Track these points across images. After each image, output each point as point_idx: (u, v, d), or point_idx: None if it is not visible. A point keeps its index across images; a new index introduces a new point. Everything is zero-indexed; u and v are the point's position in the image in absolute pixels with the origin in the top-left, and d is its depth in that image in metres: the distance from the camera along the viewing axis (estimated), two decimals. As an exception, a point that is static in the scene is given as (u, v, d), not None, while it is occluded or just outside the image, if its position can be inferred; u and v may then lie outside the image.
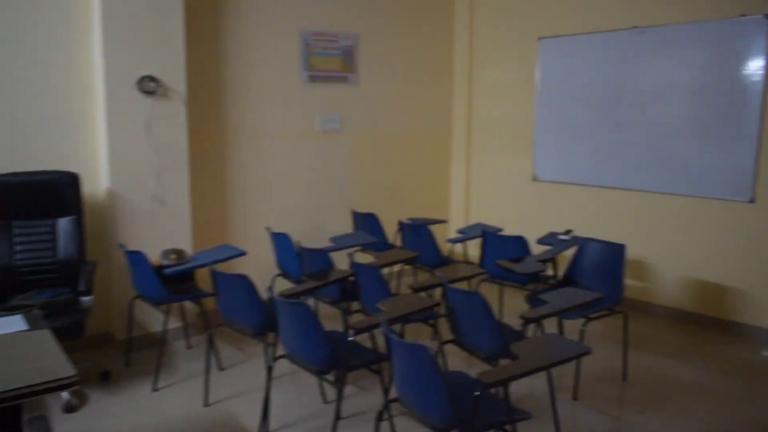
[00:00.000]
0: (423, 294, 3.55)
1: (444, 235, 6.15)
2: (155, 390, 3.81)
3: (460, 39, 6.38)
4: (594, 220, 5.46)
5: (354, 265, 3.70)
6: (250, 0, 5.00)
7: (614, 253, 3.99)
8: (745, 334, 4.69)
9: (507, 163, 6.17)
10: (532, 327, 3.54)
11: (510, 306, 4.85)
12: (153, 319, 4.41)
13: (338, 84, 5.63)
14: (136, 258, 3.89)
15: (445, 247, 5.04)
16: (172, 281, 3.97)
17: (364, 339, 3.43)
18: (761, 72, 4.46)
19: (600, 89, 5.37)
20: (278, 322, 3.13)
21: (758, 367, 4.19)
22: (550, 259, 4.16)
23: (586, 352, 2.51)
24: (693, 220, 4.92)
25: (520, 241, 4.33)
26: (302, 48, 5.36)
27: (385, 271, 4.06)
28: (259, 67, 5.11)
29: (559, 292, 3.37)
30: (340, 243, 4.50)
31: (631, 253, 5.14)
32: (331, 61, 5.58)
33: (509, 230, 4.99)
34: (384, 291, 3.52)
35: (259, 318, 3.42)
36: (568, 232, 4.63)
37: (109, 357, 4.21)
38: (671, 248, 5.05)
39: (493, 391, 2.56)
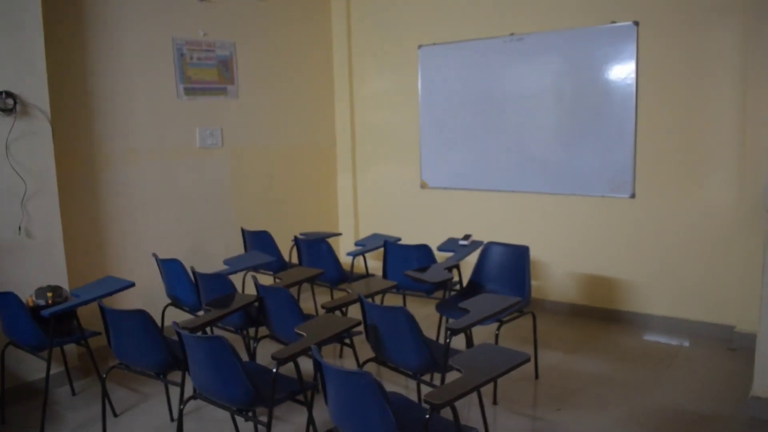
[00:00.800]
0: (337, 312, 3.40)
1: (339, 249, 6.02)
2: (41, 449, 3.36)
3: (339, 48, 6.29)
4: (484, 223, 5.56)
5: (261, 288, 3.47)
6: (117, 8, 4.61)
7: (519, 255, 4.06)
8: (632, 322, 4.95)
9: (395, 172, 6.15)
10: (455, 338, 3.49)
11: (420, 317, 4.79)
12: (27, 366, 3.90)
13: (217, 96, 5.33)
14: (5, 300, 3.42)
15: (343, 262, 4.92)
16: (51, 323, 3.53)
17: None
18: (632, 75, 4.74)
19: (481, 95, 5.48)
20: (187, 358, 2.85)
21: (652, 352, 4.43)
22: (455, 266, 4.16)
23: (526, 360, 2.48)
24: (578, 217, 5.15)
25: (423, 250, 4.29)
26: (176, 58, 5.02)
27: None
28: (130, 80, 4.72)
29: (477, 299, 3.34)
30: (236, 265, 4.23)
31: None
32: (208, 72, 5.28)
33: (403, 238, 4.95)
34: (296, 314, 3.32)
35: (160, 356, 3.11)
36: (467, 237, 4.66)
37: (-24, 416, 3.67)
38: (559, 245, 5.24)
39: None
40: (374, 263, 5.52)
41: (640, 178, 4.83)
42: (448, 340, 2.96)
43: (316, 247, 4.66)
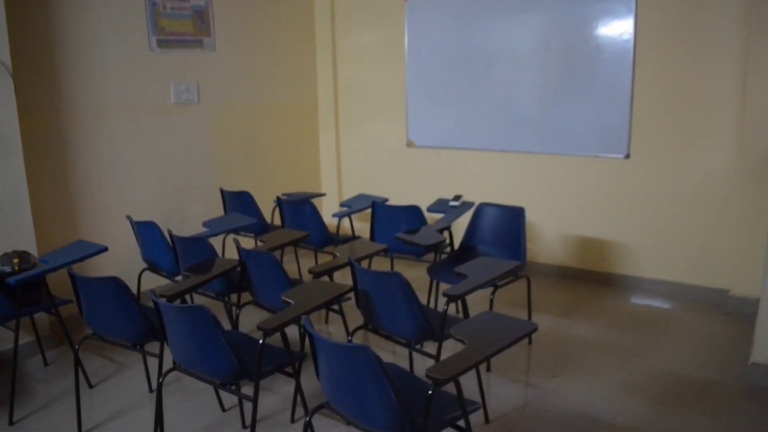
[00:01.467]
0: (326, 278, 3.20)
1: (322, 210, 5.80)
2: (12, 423, 3.13)
3: (321, 1, 5.96)
4: (473, 183, 5.36)
5: (244, 252, 3.24)
6: (82, -49, 4.25)
7: (514, 217, 3.88)
8: (625, 285, 4.83)
9: (380, 130, 5.90)
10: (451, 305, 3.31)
11: (409, 280, 4.62)
12: (-6, 337, 3.66)
13: (192, 49, 5.00)
14: (-33, 267, 3.16)
15: (328, 224, 4.70)
16: (18, 291, 3.28)
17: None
18: (631, 31, 4.51)
19: (469, 51, 5.22)
20: (165, 329, 2.64)
21: (646, 316, 4.32)
22: (447, 228, 3.97)
23: (534, 329, 2.31)
24: (571, 178, 4.96)
25: (413, 211, 4.08)
26: (148, 8, 4.67)
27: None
28: (98, 31, 4.37)
29: (473, 263, 3.16)
30: (216, 227, 4.00)
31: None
32: (183, 23, 4.94)
33: (390, 199, 4.74)
34: (281, 280, 3.11)
35: (136, 326, 2.88)
36: (457, 197, 4.47)
37: (-60, 389, 3.44)
38: (551, 207, 5.07)
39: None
40: (360, 225, 5.31)
41: (636, 138, 4.64)
42: (445, 307, 2.77)
43: (299, 209, 4.43)
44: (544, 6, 4.84)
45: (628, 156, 4.68)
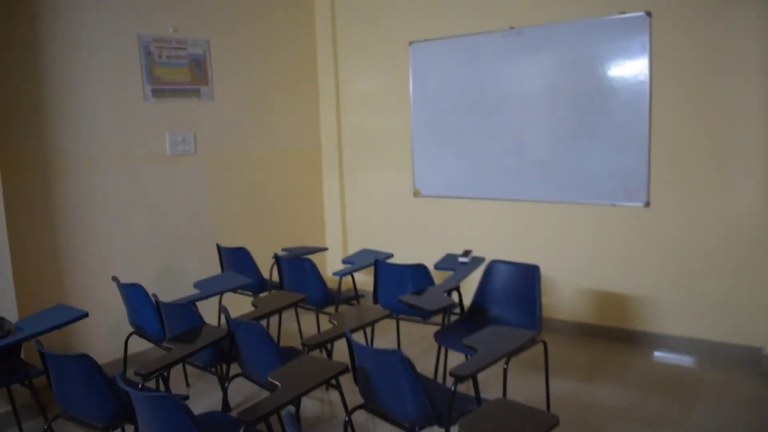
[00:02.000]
0: (320, 352, 2.87)
1: (325, 265, 5.50)
2: None
3: (323, 45, 5.74)
4: (483, 235, 5.04)
5: (233, 322, 2.92)
6: None
7: (528, 276, 3.53)
8: (648, 343, 4.44)
9: (385, 179, 5.61)
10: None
11: (414, 340, 4.30)
12: (-35, 410, 3.35)
13: (189, 99, 4.78)
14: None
15: (330, 280, 4.40)
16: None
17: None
18: (646, 71, 4.23)
19: (478, 95, 4.95)
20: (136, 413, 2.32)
21: (673, 378, 3.92)
22: (455, 288, 3.63)
23: (555, 424, 1.95)
24: (586, 228, 4.63)
25: (419, 270, 3.75)
26: (143, 57, 4.46)
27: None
28: (91, 80, 4.14)
29: (484, 334, 2.81)
30: (208, 289, 3.69)
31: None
32: (179, 72, 4.72)
33: (395, 254, 4.43)
34: (271, 352, 2.79)
35: (107, 409, 2.56)
36: (467, 253, 4.14)
37: None
38: (567, 259, 4.72)
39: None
40: (364, 278, 4.99)
41: (655, 185, 4.32)
42: (453, 388, 2.42)
43: (299, 266, 4.11)
44: (554, 46, 4.57)
45: (648, 204, 4.35)
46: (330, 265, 5.75)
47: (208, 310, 3.97)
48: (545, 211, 4.77)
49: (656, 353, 4.33)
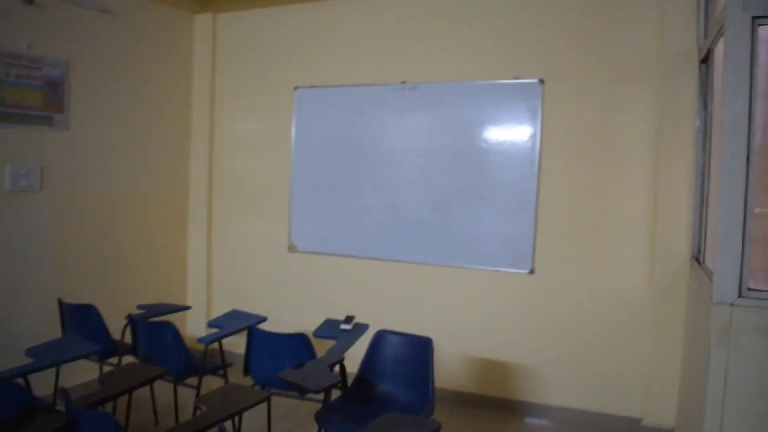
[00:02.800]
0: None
1: (185, 326, 4.89)
2: None
3: (200, 80, 5.20)
4: (365, 297, 4.68)
5: (72, 409, 2.31)
6: None
7: (419, 348, 3.19)
8: (530, 413, 4.25)
9: (259, 231, 5.08)
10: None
11: (291, 420, 3.79)
12: None
13: (39, 126, 4.06)
14: None
15: (191, 341, 3.83)
16: None
17: None
18: (537, 137, 4.15)
19: (364, 148, 4.64)
20: None
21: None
22: (339, 361, 3.21)
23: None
24: (471, 293, 4.40)
25: (299, 341, 3.29)
26: (-17, 75, 3.74)
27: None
28: None
29: (379, 424, 2.41)
30: (43, 358, 3.00)
31: (405, 328, 4.47)
32: (30, 95, 4.01)
33: (269, 315, 3.96)
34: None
35: None
36: (349, 319, 3.75)
37: None
38: (449, 325, 4.45)
39: None
40: (233, 340, 4.41)
41: (541, 252, 4.20)
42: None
43: (157, 330, 3.51)
44: (446, 105, 4.39)
45: (532, 271, 4.21)
46: (192, 326, 5.13)
47: (44, 382, 3.27)
48: (428, 274, 4.50)
49: (537, 425, 4.14)
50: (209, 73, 5.16)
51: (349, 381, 3.32)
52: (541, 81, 4.12)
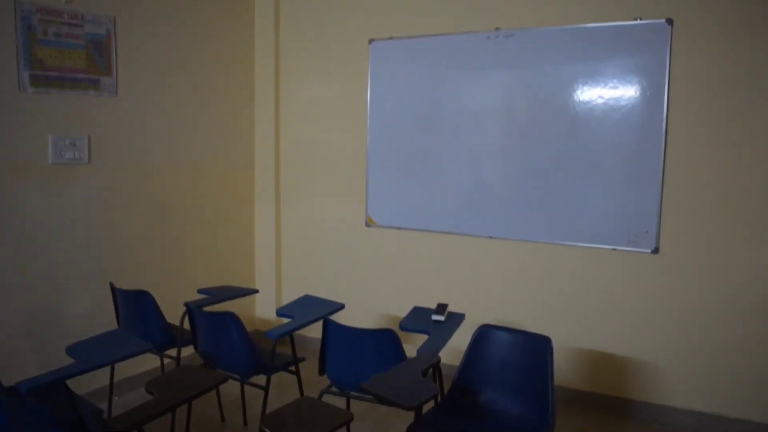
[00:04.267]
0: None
1: (253, 312, 4.37)
2: None
3: (263, 38, 4.56)
4: (451, 278, 4.01)
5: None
6: None
7: (535, 349, 2.51)
8: (650, 416, 3.52)
9: (332, 205, 4.45)
10: None
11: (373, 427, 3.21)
12: None
13: (84, 91, 3.52)
14: None
15: (261, 339, 3.27)
16: None
17: None
18: (664, 93, 3.33)
19: (452, 110, 3.91)
20: None
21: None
22: (435, 364, 2.57)
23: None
24: (582, 276, 3.66)
25: (386, 338, 2.65)
26: (21, 32, 3.21)
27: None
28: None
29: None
30: (85, 359, 2.47)
31: (505, 320, 3.78)
32: (72, 56, 3.47)
33: (345, 302, 3.33)
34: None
35: None
36: (441, 307, 3.09)
37: None
38: (555, 313, 3.74)
39: None
40: (305, 331, 3.83)
41: (667, 229, 3.41)
42: None
43: (218, 322, 2.94)
44: (552, 55, 3.61)
45: (656, 250, 3.44)
46: (260, 311, 4.60)
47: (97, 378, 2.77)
48: (530, 252, 3.78)
49: (659, 429, 3.42)
50: (272, 27, 4.50)
51: (445, 384, 2.69)
52: (669, 21, 3.29)
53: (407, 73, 4.06)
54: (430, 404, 2.55)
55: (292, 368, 3.14)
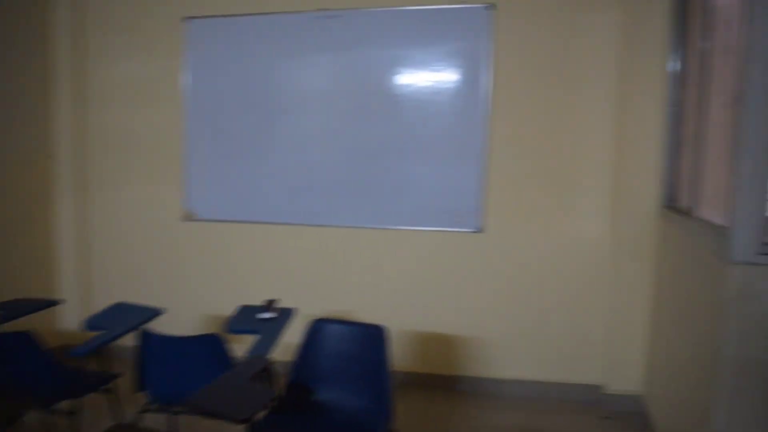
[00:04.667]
0: None
1: (54, 325, 3.88)
2: None
3: (62, 14, 3.99)
4: (282, 273, 3.85)
5: None
6: None
7: (370, 341, 2.43)
8: (482, 391, 3.65)
9: (148, 199, 4.06)
10: None
11: None
12: None
13: None
14: None
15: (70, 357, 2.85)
16: None
17: None
18: (485, 75, 3.41)
19: (274, 93, 3.73)
20: None
21: (514, 429, 3.17)
22: (266, 367, 2.40)
23: None
24: (412, 259, 3.69)
25: (210, 344, 2.43)
26: None
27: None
28: None
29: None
30: None
31: (334, 307, 3.72)
32: None
33: (164, 305, 3.03)
34: None
35: None
36: (270, 303, 2.92)
37: None
38: (389, 299, 3.73)
39: None
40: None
41: (490, 209, 3.53)
42: None
43: (11, 345, 2.51)
44: (377, 37, 3.55)
45: (480, 229, 3.54)
46: (67, 324, 4.08)
47: None
48: (357, 238, 3.74)
49: (489, 402, 3.54)
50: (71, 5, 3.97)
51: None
52: (491, 6, 3.36)
53: (230, 53, 3.79)
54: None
55: (107, 386, 2.79)
